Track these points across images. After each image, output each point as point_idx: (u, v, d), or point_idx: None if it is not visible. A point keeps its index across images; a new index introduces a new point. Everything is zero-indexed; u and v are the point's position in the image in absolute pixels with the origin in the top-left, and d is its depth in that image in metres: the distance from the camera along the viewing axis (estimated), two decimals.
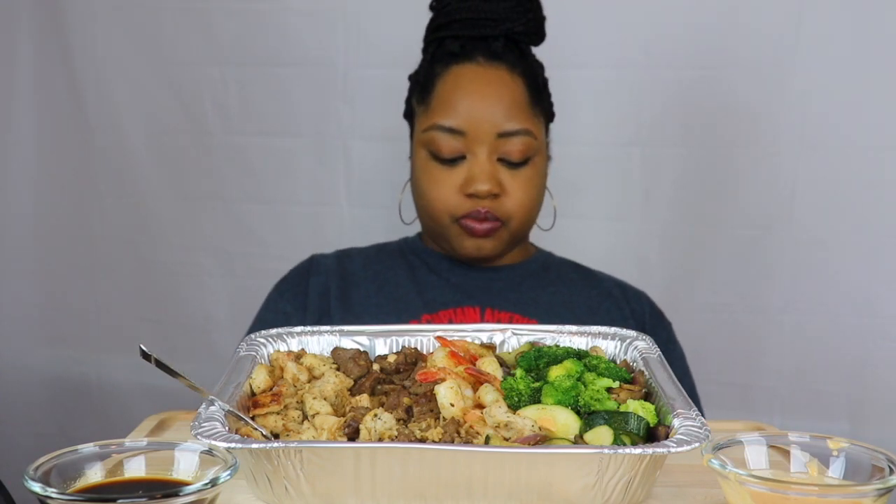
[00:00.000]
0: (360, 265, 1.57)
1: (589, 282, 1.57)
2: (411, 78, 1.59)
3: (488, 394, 0.97)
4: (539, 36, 1.55)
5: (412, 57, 1.59)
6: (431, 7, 1.56)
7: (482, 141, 1.44)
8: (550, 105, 1.57)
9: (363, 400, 1.00)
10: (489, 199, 1.45)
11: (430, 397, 0.97)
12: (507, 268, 1.55)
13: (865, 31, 1.89)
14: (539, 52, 1.57)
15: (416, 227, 1.62)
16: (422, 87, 1.53)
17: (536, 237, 1.63)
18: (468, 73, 1.49)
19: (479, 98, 1.46)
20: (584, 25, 1.96)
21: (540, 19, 1.54)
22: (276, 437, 0.95)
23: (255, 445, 0.85)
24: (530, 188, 1.48)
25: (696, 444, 0.84)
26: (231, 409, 0.93)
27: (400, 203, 1.58)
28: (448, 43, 1.51)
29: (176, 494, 0.73)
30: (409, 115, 1.57)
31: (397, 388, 1.03)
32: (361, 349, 1.14)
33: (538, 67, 1.54)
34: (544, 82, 1.55)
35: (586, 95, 1.98)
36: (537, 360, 1.07)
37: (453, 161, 1.46)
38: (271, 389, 1.03)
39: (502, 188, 1.46)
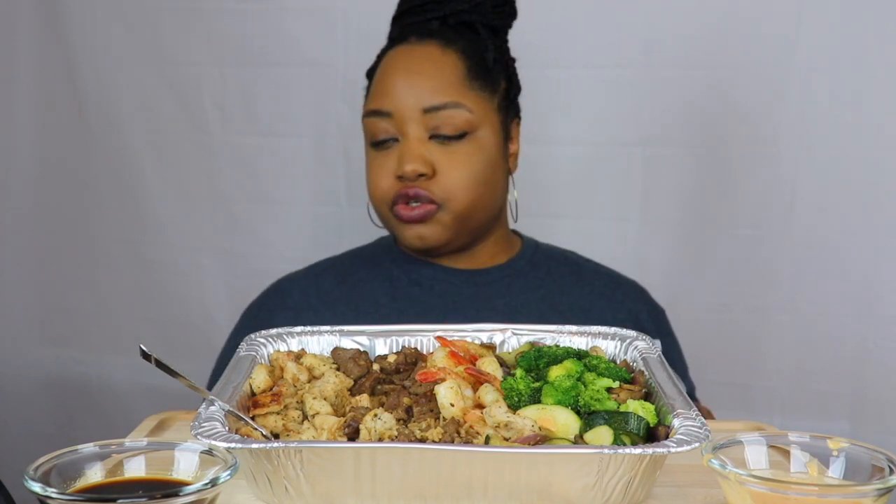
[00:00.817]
0: (334, 282, 1.51)
1: (580, 279, 1.52)
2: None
3: (488, 394, 0.97)
4: (503, 13, 1.50)
5: None
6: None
7: (409, 119, 1.41)
8: (507, 87, 1.50)
9: (363, 400, 1.00)
10: (420, 180, 1.41)
11: (430, 397, 0.97)
12: (495, 269, 1.51)
13: (865, 31, 1.89)
14: (540, 51, 1.56)
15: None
16: (368, 81, 1.52)
17: (529, 230, 1.62)
18: (398, 54, 1.47)
19: (403, 76, 1.44)
20: (584, 26, 1.96)
21: (479, 9, 1.48)
22: (276, 437, 0.95)
23: (255, 445, 0.85)
24: (469, 165, 1.42)
25: (696, 444, 0.84)
26: (231, 409, 0.93)
27: (368, 205, 1.54)
28: (392, 30, 1.50)
29: (176, 494, 0.73)
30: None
31: (397, 388, 1.03)
32: (361, 349, 1.14)
33: (486, 46, 1.48)
34: (496, 60, 1.49)
35: (586, 95, 1.98)
36: (537, 360, 1.06)
37: (385, 144, 1.44)
38: (271, 389, 1.03)
39: (435, 169, 1.41)
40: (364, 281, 1.50)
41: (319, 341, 1.15)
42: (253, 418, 0.96)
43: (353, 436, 0.93)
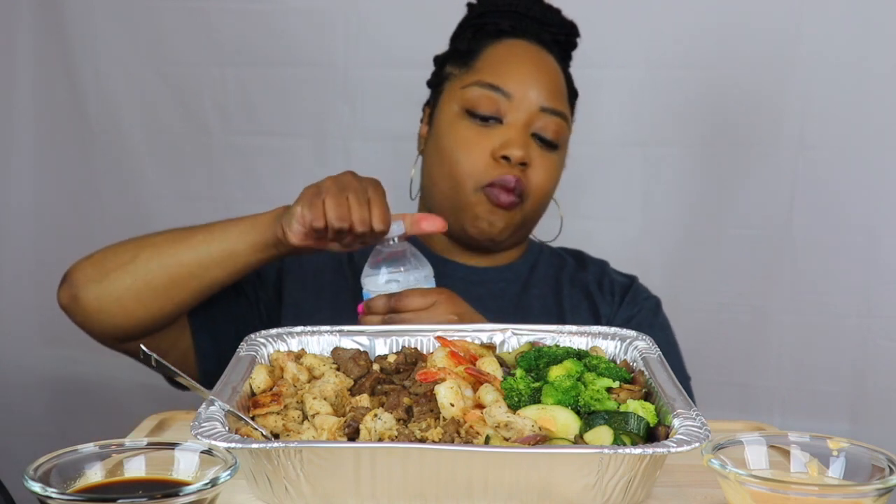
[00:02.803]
0: (346, 254, 1.52)
1: (572, 279, 1.55)
2: (438, 58, 1.56)
3: (488, 394, 0.97)
4: (566, 61, 1.55)
5: (412, 57, 1.60)
6: (469, 4, 1.55)
7: (524, 109, 1.43)
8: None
9: (363, 400, 1.00)
10: (518, 168, 1.41)
11: (430, 397, 0.97)
12: (492, 270, 1.52)
13: (866, 31, 1.89)
14: None
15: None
16: (464, 54, 1.50)
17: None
18: (521, 46, 1.48)
19: (531, 68, 1.46)
20: (584, 27, 1.95)
21: (572, 43, 1.55)
22: (276, 437, 0.95)
23: (255, 445, 0.85)
24: (553, 174, 1.47)
25: (696, 444, 0.84)
26: (231, 409, 0.93)
27: (412, 180, 1.54)
28: (498, 21, 1.50)
29: (176, 494, 0.73)
30: (437, 83, 1.53)
31: (397, 388, 1.03)
32: (361, 349, 1.14)
33: (571, 78, 1.55)
34: (576, 94, 1.56)
35: (586, 96, 1.97)
36: (537, 360, 1.06)
37: (487, 121, 1.43)
38: (271, 389, 1.03)
39: (531, 162, 1.43)
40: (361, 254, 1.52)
41: (319, 341, 1.15)
42: (253, 418, 0.96)
43: (353, 436, 0.93)
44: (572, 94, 1.54)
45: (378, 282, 1.30)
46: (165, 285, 1.33)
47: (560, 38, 1.51)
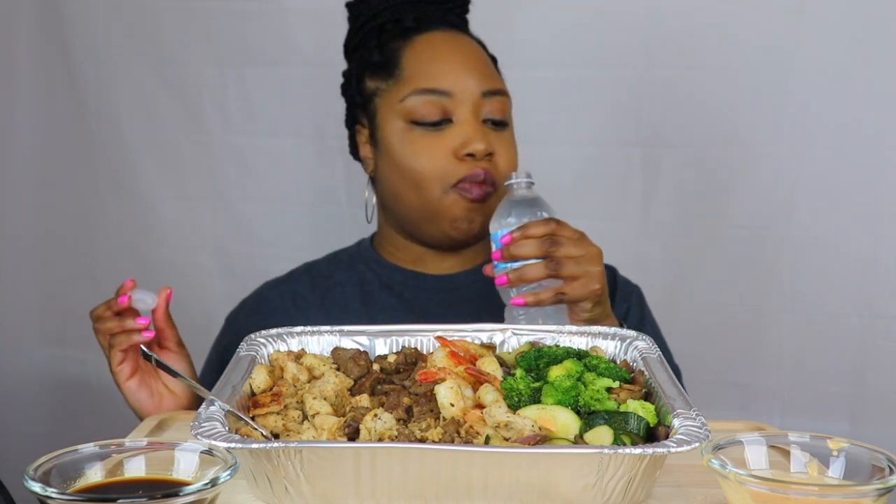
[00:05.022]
0: (308, 286, 1.50)
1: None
2: (346, 73, 1.54)
3: (488, 394, 0.97)
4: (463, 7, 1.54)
5: None
6: (349, 5, 1.53)
7: (468, 101, 1.41)
8: None
9: (363, 400, 1.00)
10: (485, 160, 1.40)
11: (430, 397, 0.97)
12: (462, 274, 1.49)
13: (865, 31, 1.89)
14: (539, 52, 1.57)
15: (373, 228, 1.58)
16: (381, 66, 1.46)
17: None
18: (438, 39, 1.45)
19: (459, 59, 1.43)
20: (583, 26, 1.96)
21: (464, 6, 1.53)
22: (276, 437, 0.95)
23: (255, 445, 0.85)
24: (513, 151, 1.45)
25: (696, 444, 0.84)
26: (231, 409, 0.93)
27: (366, 202, 1.53)
28: (400, 18, 1.47)
29: (176, 494, 0.73)
30: (363, 102, 1.49)
31: (397, 388, 1.03)
32: (361, 349, 1.14)
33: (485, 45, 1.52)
34: (494, 59, 1.53)
35: (586, 95, 1.98)
36: (537, 360, 1.06)
37: (439, 125, 1.41)
38: (271, 389, 1.03)
39: (493, 149, 1.42)
40: (338, 284, 1.50)
41: (319, 341, 1.15)
42: (253, 418, 0.96)
43: (353, 436, 0.93)
44: (494, 62, 1.51)
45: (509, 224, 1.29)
46: None
47: (455, 9, 1.50)
